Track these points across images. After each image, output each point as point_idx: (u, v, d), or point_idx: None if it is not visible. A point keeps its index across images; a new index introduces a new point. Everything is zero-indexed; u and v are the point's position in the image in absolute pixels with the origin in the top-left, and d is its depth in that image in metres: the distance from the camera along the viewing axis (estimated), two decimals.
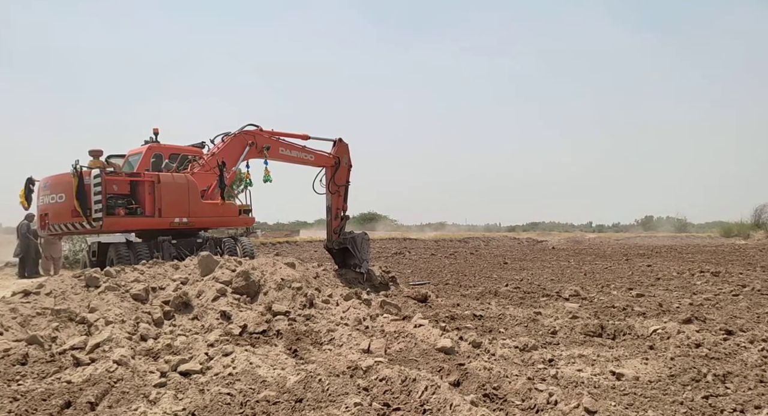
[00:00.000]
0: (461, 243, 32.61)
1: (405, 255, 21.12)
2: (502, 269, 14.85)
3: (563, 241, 35.15)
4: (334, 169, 9.65)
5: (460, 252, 23.22)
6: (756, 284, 10.19)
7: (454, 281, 11.56)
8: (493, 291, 9.53)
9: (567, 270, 14.13)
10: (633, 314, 7.00)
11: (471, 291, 9.63)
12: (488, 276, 12.79)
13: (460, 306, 7.80)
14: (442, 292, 9.59)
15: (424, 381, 3.63)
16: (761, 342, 5.11)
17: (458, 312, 7.19)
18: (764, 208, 40.19)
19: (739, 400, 3.59)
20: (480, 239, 35.24)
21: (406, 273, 13.44)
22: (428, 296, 8.42)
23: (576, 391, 3.78)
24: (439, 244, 30.76)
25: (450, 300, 8.53)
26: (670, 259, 17.74)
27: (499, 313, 7.18)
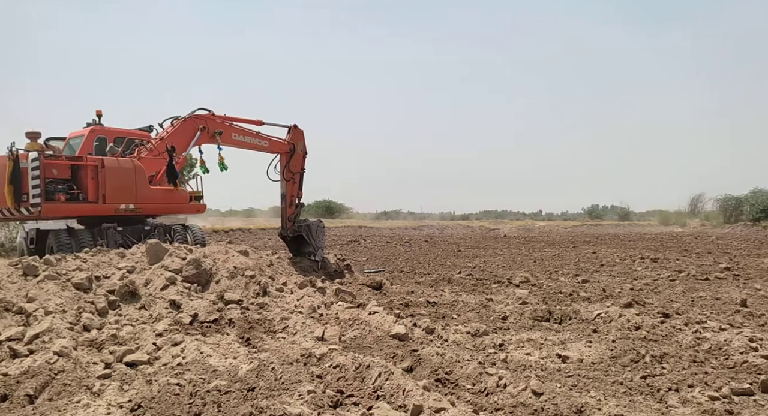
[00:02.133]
0: (416, 231, 32.96)
1: (360, 243, 21.15)
2: (455, 257, 15.11)
3: (515, 229, 36.15)
4: (288, 155, 9.49)
5: (414, 240, 23.46)
6: (691, 269, 10.83)
7: (409, 268, 11.68)
8: (447, 278, 9.68)
9: (518, 258, 14.54)
10: (579, 299, 7.28)
11: (425, 279, 9.75)
12: (442, 263, 13.00)
13: (414, 294, 7.89)
14: (396, 280, 9.67)
15: (377, 367, 3.65)
16: (695, 324, 5.43)
17: (412, 300, 7.27)
18: (700, 197, 42.68)
19: (674, 379, 3.81)
20: (434, 227, 35.73)
21: (361, 261, 13.47)
22: (383, 283, 8.47)
23: (524, 374, 3.90)
24: (395, 232, 30.99)
25: (404, 287, 8.61)
26: (614, 246, 18.56)
27: (452, 300, 7.31)
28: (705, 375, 3.90)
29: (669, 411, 3.22)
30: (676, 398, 3.44)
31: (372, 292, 7.96)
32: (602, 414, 2.98)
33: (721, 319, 5.91)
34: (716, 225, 35.86)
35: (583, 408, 3.07)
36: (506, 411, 3.22)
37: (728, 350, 4.50)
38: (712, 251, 16.11)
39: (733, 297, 7.36)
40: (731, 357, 4.29)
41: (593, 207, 60.50)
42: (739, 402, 3.34)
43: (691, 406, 3.27)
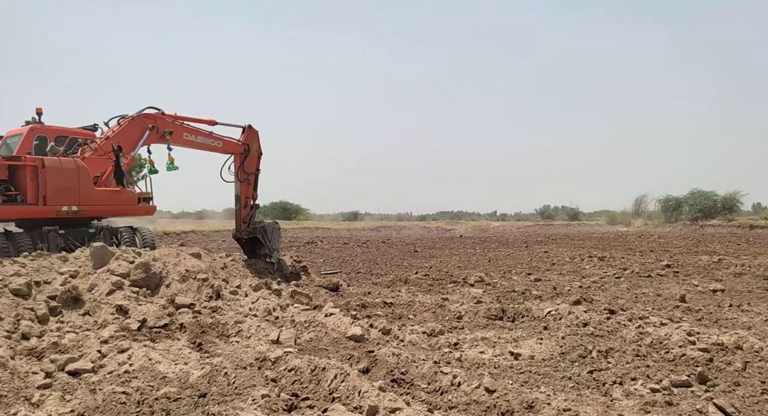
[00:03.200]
0: (373, 232, 33.00)
1: (317, 245, 20.98)
2: (412, 257, 15.23)
3: (470, 230, 36.77)
4: (243, 156, 9.30)
5: (372, 241, 23.48)
6: (635, 267, 11.32)
7: (366, 269, 11.69)
8: (404, 278, 9.74)
9: (473, 258, 14.80)
10: (531, 297, 7.48)
11: (382, 280, 9.78)
12: (399, 264, 13.07)
13: (371, 295, 7.89)
14: (353, 281, 9.65)
15: (333, 369, 3.63)
16: (638, 320, 5.68)
17: (369, 300, 7.27)
18: (644, 198, 44.72)
19: (619, 373, 3.97)
20: (392, 228, 35.87)
21: (318, 263, 13.36)
22: (340, 285, 8.43)
23: (478, 372, 3.98)
24: (352, 233, 30.92)
25: (361, 288, 8.61)
26: (564, 246, 19.19)
27: (408, 300, 7.36)
28: (647, 368, 4.08)
29: (613, 404, 3.35)
30: (620, 391, 3.59)
31: (329, 294, 7.91)
32: (551, 409, 3.06)
33: (662, 314, 6.22)
34: (658, 224, 37.68)
35: (534, 403, 3.16)
36: (460, 409, 3.27)
37: (668, 344, 4.73)
38: (654, 249, 16.92)
39: (673, 293, 7.75)
40: (671, 351, 4.51)
41: (545, 207, 62.26)
42: (678, 393, 3.52)
43: (634, 399, 3.42)
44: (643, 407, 3.25)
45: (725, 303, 7.04)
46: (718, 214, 36.61)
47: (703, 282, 8.99)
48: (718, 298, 7.52)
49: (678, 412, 3.14)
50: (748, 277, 9.68)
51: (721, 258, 13.28)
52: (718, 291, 8.02)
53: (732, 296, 7.68)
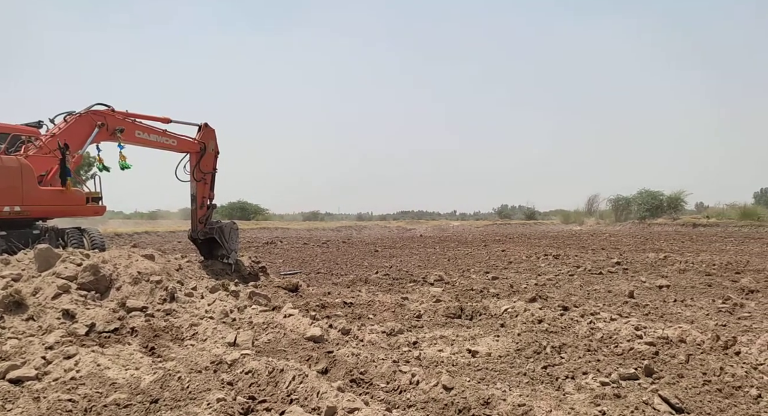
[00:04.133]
0: (334, 232, 32.86)
1: (277, 245, 20.72)
2: (373, 257, 15.25)
3: (430, 229, 37.15)
4: (199, 155, 9.06)
5: (332, 241, 23.38)
6: (588, 265, 11.72)
7: (326, 270, 11.63)
8: (364, 278, 9.75)
9: (433, 257, 14.96)
10: (488, 295, 7.62)
11: (342, 280, 9.76)
12: (359, 264, 13.07)
13: (331, 295, 7.86)
14: (313, 281, 9.58)
15: (292, 371, 3.59)
16: (590, 315, 5.88)
17: (329, 301, 7.24)
18: (596, 197, 46.44)
19: (571, 368, 4.10)
20: (352, 228, 35.81)
21: (277, 263, 13.20)
22: (299, 285, 8.35)
23: (436, 370, 4.02)
24: (312, 234, 30.69)
25: (321, 288, 8.56)
26: (521, 244, 19.67)
27: (368, 300, 7.36)
28: (597, 362, 4.23)
29: (566, 398, 3.46)
30: (572, 385, 3.71)
31: (288, 295, 7.82)
32: (506, 404, 3.13)
33: (612, 310, 6.46)
34: (609, 223, 39.17)
35: (490, 399, 3.22)
36: (418, 407, 3.29)
37: (617, 338, 4.91)
38: (606, 247, 17.56)
39: (622, 290, 8.07)
40: (620, 345, 4.69)
41: (503, 207, 63.63)
42: (626, 386, 3.66)
43: (585, 392, 3.54)
44: (593, 400, 3.36)
45: (670, 299, 7.38)
46: (664, 213, 38.42)
47: (650, 279, 9.39)
48: (664, 294, 7.87)
49: (626, 404, 3.27)
50: (691, 273, 10.19)
51: (666, 255, 13.93)
52: (664, 287, 8.40)
53: (676, 291, 8.05)
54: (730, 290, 8.07)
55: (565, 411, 3.02)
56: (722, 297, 7.28)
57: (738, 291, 7.97)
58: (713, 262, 11.91)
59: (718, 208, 37.89)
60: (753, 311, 6.43)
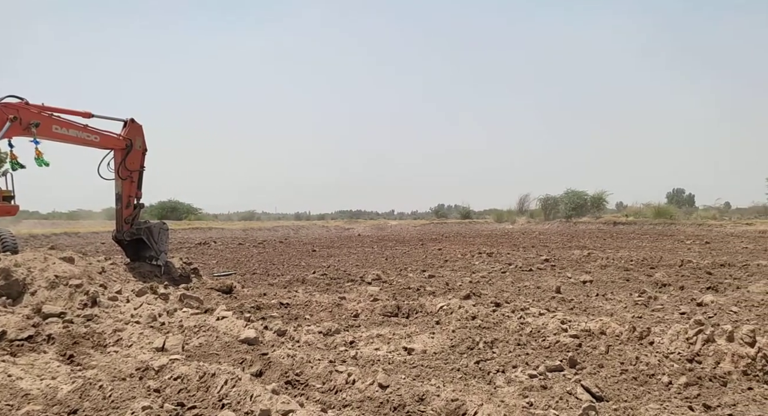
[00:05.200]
0: (271, 232, 32.22)
1: (210, 246, 20.04)
2: (310, 257, 15.10)
3: (368, 229, 37.25)
4: (124, 152, 8.59)
5: (269, 241, 22.92)
6: (519, 262, 12.20)
7: (262, 270, 11.39)
8: (301, 278, 9.63)
9: (371, 256, 15.01)
10: (425, 293, 7.75)
11: (279, 280, 9.59)
12: (296, 264, 12.89)
13: (266, 296, 7.70)
14: (248, 282, 9.35)
15: (224, 374, 3.48)
16: (520, 311, 6.12)
17: (264, 302, 7.09)
18: (526, 197, 48.48)
19: (502, 362, 4.25)
20: (290, 228, 35.27)
21: (210, 264, 12.77)
22: (234, 287, 8.12)
23: (372, 369, 4.04)
24: (248, 233, 29.94)
25: (257, 289, 8.37)
26: (457, 243, 20.15)
27: (305, 300, 7.28)
28: (526, 355, 4.41)
29: (496, 391, 3.58)
30: (502, 378, 3.85)
31: (221, 296, 7.59)
32: (440, 400, 3.20)
33: (541, 305, 6.76)
34: (539, 222, 40.96)
35: (424, 396, 3.27)
36: (354, 406, 3.30)
37: (545, 332, 5.15)
38: (536, 245, 18.35)
39: (550, 285, 8.46)
40: (547, 338, 4.92)
41: (439, 206, 64.92)
42: (552, 377, 3.84)
43: (515, 385, 3.68)
44: (522, 392, 3.50)
45: (593, 293, 7.82)
46: (588, 212, 40.77)
47: (575, 275, 9.91)
48: (587, 289, 8.33)
49: (551, 395, 3.43)
50: (612, 269, 10.85)
51: (590, 252, 14.76)
52: (587, 283, 8.89)
53: (598, 286, 8.55)
54: (645, 284, 8.67)
55: (495, 404, 3.13)
56: (638, 291, 7.80)
57: (652, 285, 8.57)
58: (631, 258, 12.75)
59: (636, 207, 40.60)
60: (665, 303, 6.93)
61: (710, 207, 43.76)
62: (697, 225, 30.36)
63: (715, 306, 6.54)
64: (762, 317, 5.87)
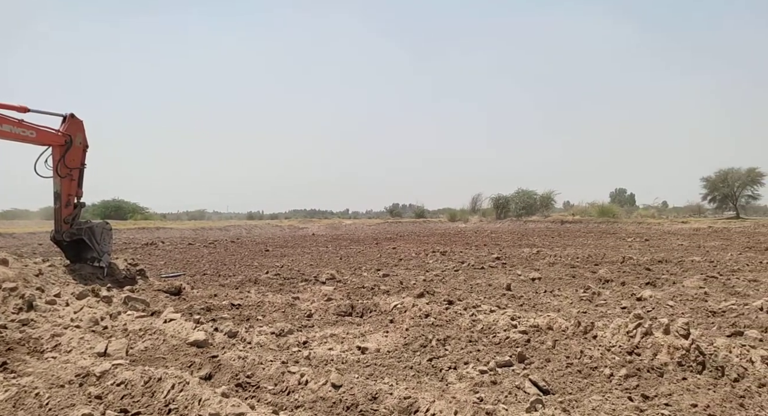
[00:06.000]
0: (222, 231, 31.45)
1: (158, 246, 19.36)
2: (263, 257, 14.85)
3: (323, 228, 37.01)
4: (63, 148, 8.15)
5: (220, 241, 22.38)
6: (471, 260, 12.43)
7: (213, 271, 11.10)
8: (254, 279, 9.46)
9: (325, 256, 14.92)
10: (379, 292, 7.78)
11: (230, 281, 9.38)
12: (249, 264, 12.65)
13: (217, 297, 7.52)
14: (198, 283, 9.10)
15: (171, 379, 3.37)
16: (472, 308, 6.23)
17: (215, 303, 6.92)
18: (479, 196, 49.56)
19: (454, 359, 4.32)
20: (242, 227, 34.56)
21: (158, 266, 12.33)
22: (183, 288, 7.89)
23: (326, 369, 4.01)
24: (198, 233, 29.13)
25: (207, 290, 8.15)
26: (411, 242, 20.33)
27: (258, 301, 7.16)
28: (478, 352, 4.50)
29: (448, 387, 3.63)
30: (454, 375, 3.91)
31: (169, 298, 7.35)
32: (393, 398, 3.21)
33: (492, 302, 6.91)
34: (491, 220, 41.93)
35: (377, 394, 3.28)
36: (306, 407, 3.27)
37: (495, 329, 5.27)
38: (488, 243, 18.77)
39: (501, 283, 8.67)
40: (497, 335, 5.03)
41: (394, 205, 65.31)
42: (502, 372, 3.94)
43: (466, 381, 3.75)
44: (473, 388, 3.57)
45: (541, 290, 8.07)
46: (538, 211, 42.12)
47: (525, 272, 10.20)
48: (536, 285, 8.59)
49: (501, 390, 3.51)
50: (559, 266, 11.24)
51: (539, 250, 15.23)
52: (536, 280, 9.17)
53: (546, 283, 8.83)
54: (589, 280, 9.03)
55: (447, 400, 3.17)
56: (583, 287, 8.11)
57: (596, 281, 8.94)
58: (577, 256, 13.25)
59: (582, 207, 42.26)
60: (608, 298, 7.24)
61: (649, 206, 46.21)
62: (637, 224, 31.90)
63: (653, 300, 6.89)
64: (695, 310, 6.23)
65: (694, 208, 44.56)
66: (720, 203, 41.07)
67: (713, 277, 8.86)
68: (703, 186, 41.10)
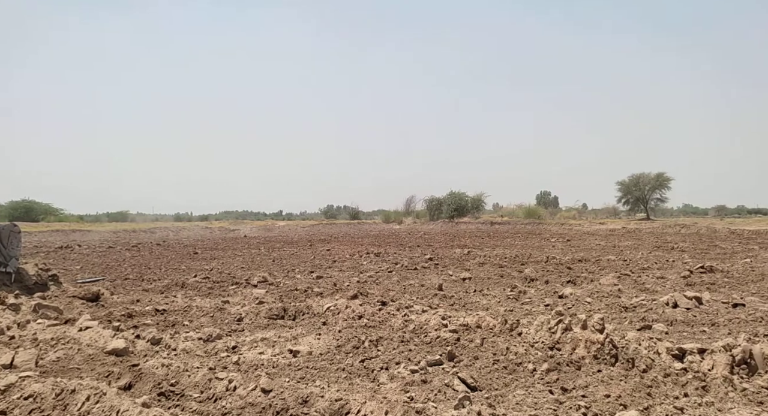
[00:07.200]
0: (147, 233, 29.92)
1: (74, 250, 18.11)
2: (191, 260, 14.28)
3: (255, 230, 36.15)
4: None
5: (144, 244, 21.29)
6: (405, 261, 12.60)
7: (136, 275, 10.53)
8: (180, 283, 9.08)
9: (257, 258, 14.58)
10: (312, 295, 7.70)
11: (155, 285, 8.93)
12: (176, 268, 12.11)
13: (140, 302, 7.14)
14: (119, 288, 8.60)
15: (86, 390, 3.16)
16: (405, 309, 6.31)
17: (137, 309, 6.57)
18: (412, 198, 50.45)
19: (386, 359, 4.35)
20: (168, 229, 33.06)
21: (73, 271, 11.53)
22: (101, 294, 7.42)
23: (255, 374, 3.92)
24: (120, 236, 27.52)
25: (129, 296, 7.72)
26: (345, 243, 20.29)
27: (184, 306, 6.87)
28: (409, 352, 4.57)
29: (380, 388, 3.66)
30: (386, 375, 3.94)
31: (86, 305, 6.89)
32: (324, 401, 3.19)
33: (424, 302, 7.04)
34: (424, 222, 42.75)
35: (308, 398, 3.25)
36: (234, 413, 3.17)
37: (427, 328, 5.37)
38: (421, 245, 19.10)
39: (433, 283, 8.85)
40: (429, 334, 5.13)
41: (328, 207, 65.03)
42: (432, 371, 4.02)
43: (397, 381, 3.79)
44: (404, 387, 3.62)
45: (471, 289, 8.31)
46: (469, 213, 43.45)
47: (456, 272, 10.47)
48: (467, 285, 8.85)
49: (431, 388, 3.59)
50: (488, 266, 11.64)
51: (470, 250, 15.70)
52: (467, 279, 9.44)
53: (476, 283, 9.11)
54: (516, 279, 9.41)
55: (378, 400, 3.19)
56: (510, 286, 8.45)
57: (522, 280, 9.33)
58: (505, 256, 13.78)
59: (510, 208, 44.11)
60: (533, 297, 7.59)
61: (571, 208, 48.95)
62: (560, 225, 33.69)
63: (573, 297, 7.30)
64: (610, 306, 6.66)
65: (610, 209, 47.75)
66: (633, 205, 44.30)
67: (626, 275, 9.52)
68: (618, 189, 44.15)
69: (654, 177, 42.03)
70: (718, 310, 6.29)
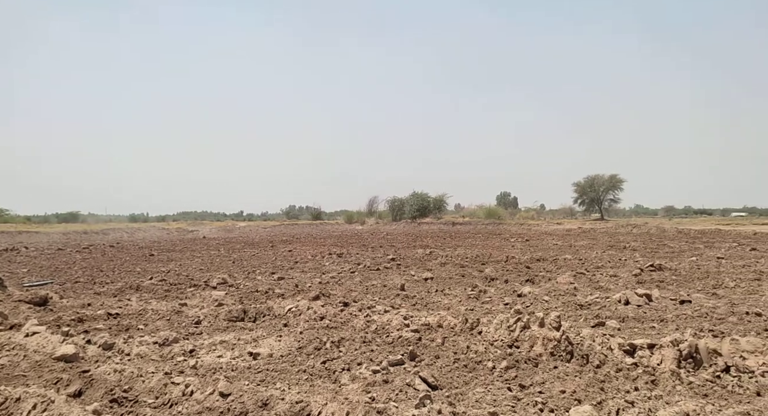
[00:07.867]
0: (99, 235, 28.81)
1: (20, 252, 17.26)
2: (147, 262, 13.84)
3: (215, 230, 35.38)
4: None
5: (96, 246, 20.50)
6: (367, 262, 12.59)
7: (87, 278, 10.12)
8: (135, 285, 8.78)
9: (217, 259, 14.28)
10: (273, 296, 7.59)
11: (108, 288, 8.61)
12: (131, 270, 11.71)
13: (91, 306, 6.87)
14: (70, 292, 8.25)
15: (32, 398, 3.02)
16: (367, 309, 6.31)
17: (89, 313, 6.31)
18: (375, 199, 50.58)
19: (348, 360, 4.34)
20: (123, 230, 31.95)
21: (19, 274, 10.99)
22: (50, 298, 7.10)
23: (213, 378, 3.83)
24: (70, 237, 26.41)
25: (79, 300, 7.41)
26: (307, 244, 20.12)
27: (139, 309, 6.65)
28: (371, 352, 4.57)
29: (341, 389, 3.64)
30: (347, 376, 3.93)
31: (33, 310, 6.57)
32: (285, 403, 3.15)
33: (386, 303, 7.05)
34: (387, 222, 42.88)
35: (268, 400, 3.20)
36: None
37: (389, 328, 5.38)
38: (383, 245, 19.14)
39: (395, 283, 8.88)
40: (391, 334, 5.14)
41: (290, 207, 64.36)
42: (394, 371, 4.03)
43: (359, 381, 3.78)
44: (366, 388, 3.61)
45: (433, 289, 8.39)
46: (431, 213, 43.88)
47: (418, 272, 10.55)
48: (428, 285, 8.92)
49: (392, 388, 3.59)
50: (450, 266, 11.77)
51: (431, 250, 15.85)
52: (429, 279, 9.52)
53: (438, 283, 9.20)
54: (477, 279, 9.56)
55: (339, 401, 3.18)
56: (471, 286, 8.57)
57: (483, 279, 9.49)
58: (466, 256, 13.98)
59: (471, 209, 44.82)
60: (493, 296, 7.72)
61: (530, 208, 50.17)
62: (519, 225, 34.46)
63: (532, 296, 7.47)
64: (566, 304, 6.85)
65: (567, 210, 49.22)
66: (588, 206, 45.80)
67: (581, 274, 9.82)
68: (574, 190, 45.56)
69: (608, 178, 43.61)
70: (666, 307, 6.57)
